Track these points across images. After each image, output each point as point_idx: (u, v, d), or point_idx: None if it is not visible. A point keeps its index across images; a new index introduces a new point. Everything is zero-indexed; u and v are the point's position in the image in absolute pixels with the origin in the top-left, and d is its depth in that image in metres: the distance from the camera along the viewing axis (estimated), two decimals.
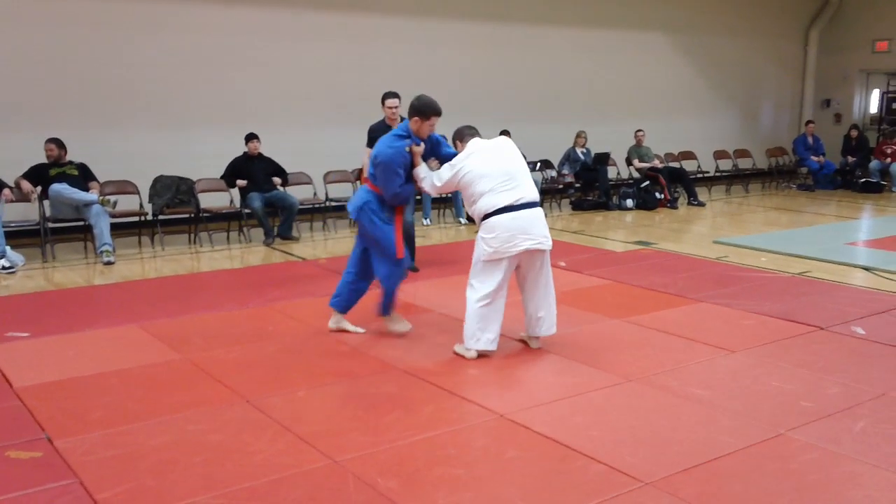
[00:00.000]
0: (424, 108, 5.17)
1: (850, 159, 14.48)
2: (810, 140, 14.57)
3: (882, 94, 15.43)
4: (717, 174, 14.22)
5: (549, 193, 12.06)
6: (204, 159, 9.54)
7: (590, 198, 11.99)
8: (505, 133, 11.11)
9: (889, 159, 14.03)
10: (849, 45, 15.95)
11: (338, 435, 3.95)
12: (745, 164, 14.71)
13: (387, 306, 5.58)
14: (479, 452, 3.78)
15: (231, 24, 9.96)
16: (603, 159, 12.27)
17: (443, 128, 5.59)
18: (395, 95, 7.45)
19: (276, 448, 3.82)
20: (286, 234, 9.32)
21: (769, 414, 4.20)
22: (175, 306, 6.36)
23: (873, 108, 16.17)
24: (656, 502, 3.31)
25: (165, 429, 4.04)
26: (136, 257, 8.46)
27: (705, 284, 7.03)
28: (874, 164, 14.14)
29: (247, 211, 9.28)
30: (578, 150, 12.13)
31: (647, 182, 12.20)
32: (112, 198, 8.39)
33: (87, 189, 8.40)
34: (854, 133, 14.69)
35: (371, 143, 7.57)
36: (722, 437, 3.92)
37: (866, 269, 7.80)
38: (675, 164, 13.29)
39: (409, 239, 7.61)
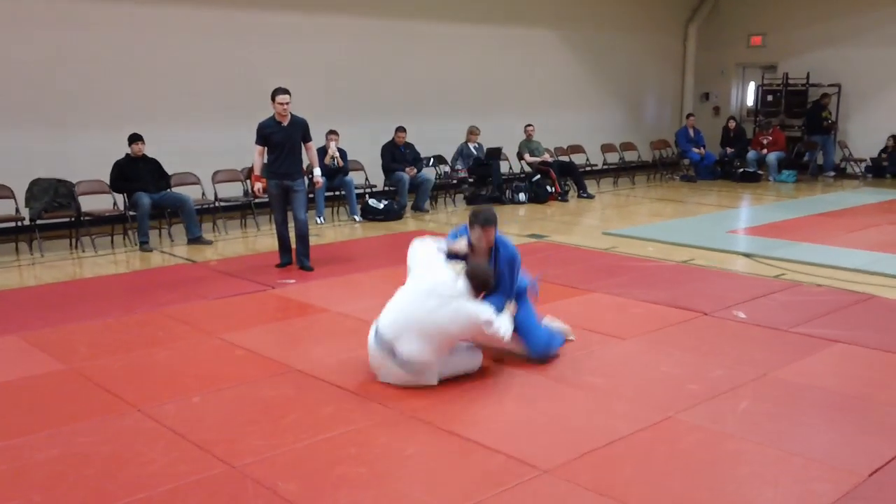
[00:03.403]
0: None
1: (729, 150, 15.15)
2: (691, 132, 15.15)
3: (757, 87, 16.20)
4: (605, 167, 14.64)
5: (443, 189, 12.13)
6: (84, 161, 9.13)
7: (483, 192, 12.11)
8: (400, 129, 11.15)
9: (765, 150, 14.74)
10: (725, 40, 16.69)
11: (235, 440, 3.87)
12: (630, 156, 15.18)
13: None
14: (381, 450, 3.78)
15: (109, 20, 9.56)
16: (495, 154, 12.43)
17: (329, 124, 5.51)
18: (285, 92, 7.32)
19: (171, 457, 3.71)
20: (196, 236, 8.95)
21: (659, 398, 4.36)
22: (58, 315, 6.07)
23: (750, 100, 16.96)
24: (555, 489, 3.39)
25: (52, 442, 3.86)
26: (13, 265, 8.03)
27: (596, 275, 7.23)
28: (751, 154, 14.84)
29: (132, 213, 8.93)
30: (471, 146, 12.23)
31: (539, 176, 12.43)
32: None
33: None
34: (732, 125, 15.37)
35: (260, 140, 7.43)
36: (615, 422, 4.04)
37: (746, 255, 8.19)
38: (565, 158, 13.59)
39: (303, 238, 7.53)
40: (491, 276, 4.63)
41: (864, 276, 7.12)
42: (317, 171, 7.86)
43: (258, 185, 7.53)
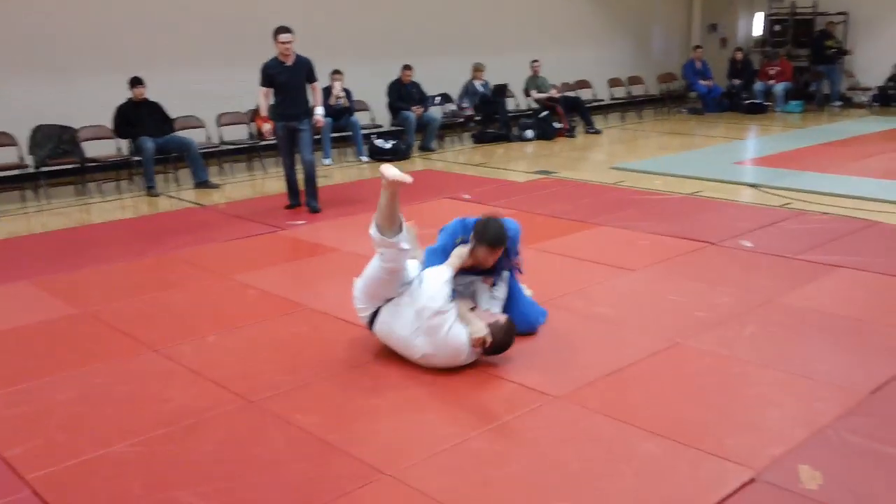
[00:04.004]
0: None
1: (736, 82, 14.96)
2: (698, 65, 14.95)
3: (765, 17, 15.91)
4: (612, 102, 14.49)
5: (450, 127, 12.06)
6: (86, 106, 9.07)
7: (490, 130, 12.03)
8: (406, 68, 11.05)
9: (772, 80, 14.56)
10: None
11: (252, 377, 3.95)
12: (638, 90, 15.00)
13: None
14: (395, 382, 3.84)
15: None
16: (501, 91, 12.32)
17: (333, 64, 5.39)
18: (287, 30, 7.22)
19: (189, 394, 3.79)
20: (203, 180, 8.98)
21: (667, 326, 4.42)
22: (69, 260, 6.13)
23: (757, 30, 16.66)
24: (565, 413, 3.47)
25: (71, 384, 3.95)
26: (20, 212, 8.08)
27: (605, 209, 7.23)
28: (758, 85, 14.66)
29: (137, 158, 8.92)
30: (477, 83, 12.12)
31: (546, 112, 12.33)
32: None
33: None
34: (739, 56, 15.13)
35: (265, 81, 7.38)
36: (624, 350, 4.10)
37: (753, 186, 8.18)
38: (572, 94, 13.44)
39: (310, 179, 7.53)
40: (512, 341, 4.03)
41: (868, 203, 7.11)
42: (319, 111, 7.78)
43: (266, 127, 7.48)
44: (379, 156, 10.42)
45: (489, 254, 4.04)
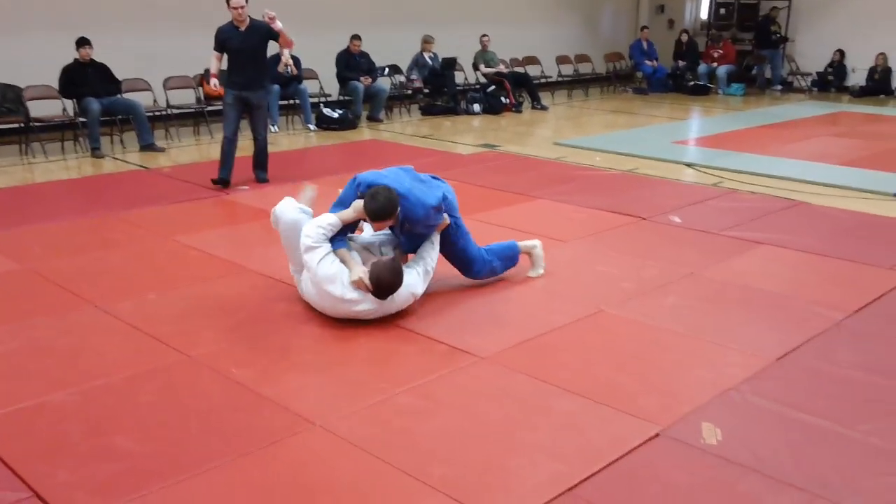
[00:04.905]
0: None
1: (681, 63, 15.30)
2: (645, 45, 15.23)
3: (712, 0, 16.25)
4: (560, 79, 14.70)
5: (398, 99, 12.14)
6: (31, 65, 8.93)
7: (438, 103, 12.17)
8: (355, 38, 11.09)
9: (716, 63, 14.93)
10: None
11: (191, 333, 4.06)
12: (585, 69, 15.23)
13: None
14: (331, 341, 4.00)
15: None
16: (450, 64, 12.43)
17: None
18: None
19: (128, 348, 3.90)
20: (148, 143, 8.93)
21: (593, 294, 4.64)
22: (11, 218, 6.12)
23: (704, 13, 17.01)
24: (489, 372, 3.67)
25: (11, 336, 4.02)
26: None
27: (544, 183, 7.44)
28: (702, 67, 15.02)
29: (82, 120, 8.85)
30: (426, 56, 12.20)
31: (493, 87, 12.49)
32: None
33: None
34: (684, 38, 15.48)
35: (217, 46, 7.32)
36: (551, 316, 4.31)
37: (688, 165, 8.46)
38: (520, 69, 13.62)
39: (262, 150, 7.48)
40: (399, 279, 4.08)
41: (795, 185, 7.44)
42: (286, 52, 7.76)
43: (213, 81, 7.33)
44: (327, 124, 10.48)
45: (374, 222, 4.16)
